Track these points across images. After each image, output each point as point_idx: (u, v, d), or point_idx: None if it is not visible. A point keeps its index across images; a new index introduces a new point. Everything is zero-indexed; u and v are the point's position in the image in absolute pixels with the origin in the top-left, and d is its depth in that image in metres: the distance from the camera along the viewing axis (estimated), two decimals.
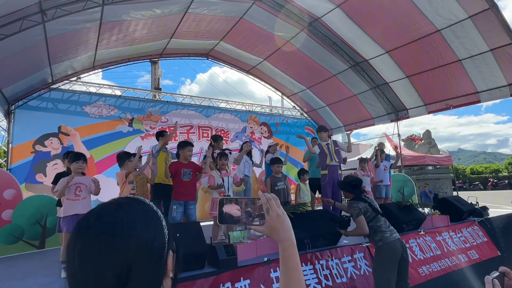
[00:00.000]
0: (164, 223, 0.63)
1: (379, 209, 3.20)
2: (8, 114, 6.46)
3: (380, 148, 7.47)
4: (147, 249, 0.58)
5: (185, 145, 4.63)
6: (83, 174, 3.97)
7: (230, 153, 5.85)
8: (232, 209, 0.80)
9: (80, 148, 6.98)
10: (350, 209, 3.21)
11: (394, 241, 3.00)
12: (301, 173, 6.28)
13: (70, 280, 0.56)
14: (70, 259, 0.56)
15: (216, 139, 5.74)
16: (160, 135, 5.22)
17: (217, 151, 5.26)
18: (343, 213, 4.45)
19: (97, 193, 3.77)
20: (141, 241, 0.57)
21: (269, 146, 7.29)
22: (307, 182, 6.34)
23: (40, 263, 4.18)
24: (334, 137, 9.87)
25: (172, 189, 4.52)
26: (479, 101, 7.08)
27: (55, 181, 4.49)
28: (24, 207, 5.12)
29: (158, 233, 0.61)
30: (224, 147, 6.26)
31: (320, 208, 6.45)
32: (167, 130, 5.59)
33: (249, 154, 6.38)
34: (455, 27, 5.90)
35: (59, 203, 4.38)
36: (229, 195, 4.48)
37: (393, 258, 2.95)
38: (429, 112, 8.12)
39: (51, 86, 6.94)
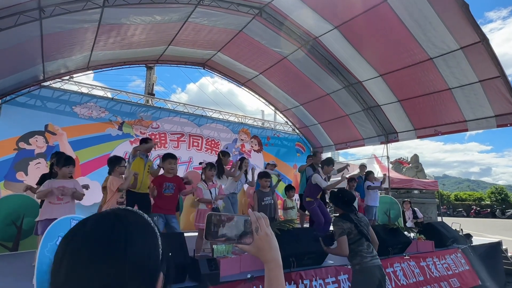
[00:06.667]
0: (160, 241, 0.60)
1: (365, 231, 3.05)
2: None
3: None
4: (142, 267, 0.53)
5: (166, 157, 4.49)
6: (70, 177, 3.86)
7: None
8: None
9: (66, 148, 6.80)
10: (334, 227, 3.11)
11: (372, 267, 2.88)
12: (288, 189, 6.25)
13: None
14: (57, 269, 0.51)
15: (224, 155, 5.61)
16: (143, 141, 4.95)
17: (205, 162, 5.13)
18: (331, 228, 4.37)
19: (78, 199, 3.62)
20: (137, 258, 0.53)
21: (268, 164, 7.38)
22: (294, 198, 6.29)
23: (11, 266, 3.97)
24: (324, 155, 9.85)
25: (145, 197, 4.43)
26: (467, 130, 7.25)
27: (40, 182, 4.32)
28: (0, 206, 4.90)
29: (154, 251, 0.57)
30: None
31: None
32: (151, 138, 5.47)
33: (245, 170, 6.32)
34: (447, 57, 6.09)
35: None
36: (217, 207, 4.40)
37: (369, 284, 2.82)
38: (418, 137, 8.26)
39: (42, 84, 6.80)
